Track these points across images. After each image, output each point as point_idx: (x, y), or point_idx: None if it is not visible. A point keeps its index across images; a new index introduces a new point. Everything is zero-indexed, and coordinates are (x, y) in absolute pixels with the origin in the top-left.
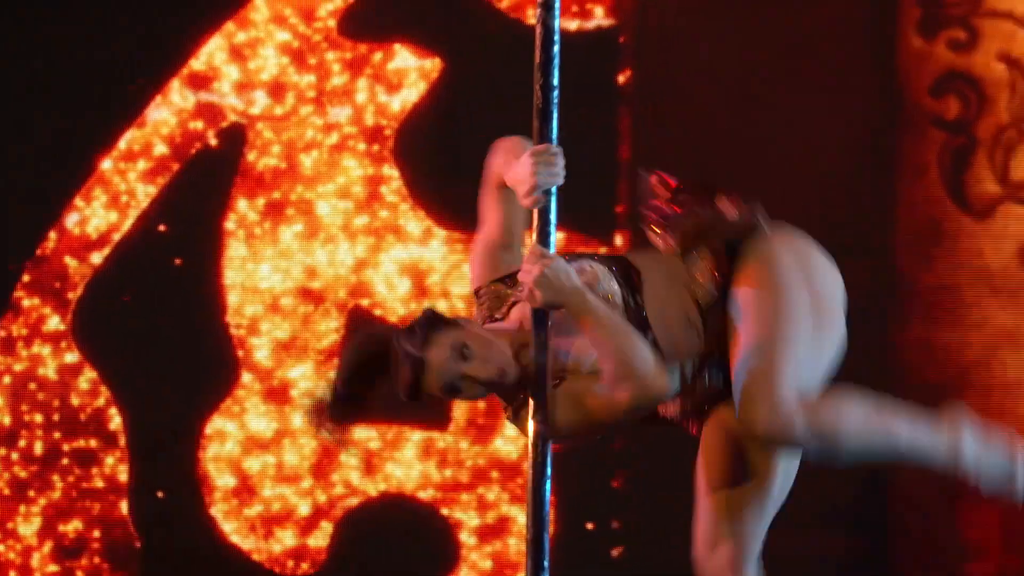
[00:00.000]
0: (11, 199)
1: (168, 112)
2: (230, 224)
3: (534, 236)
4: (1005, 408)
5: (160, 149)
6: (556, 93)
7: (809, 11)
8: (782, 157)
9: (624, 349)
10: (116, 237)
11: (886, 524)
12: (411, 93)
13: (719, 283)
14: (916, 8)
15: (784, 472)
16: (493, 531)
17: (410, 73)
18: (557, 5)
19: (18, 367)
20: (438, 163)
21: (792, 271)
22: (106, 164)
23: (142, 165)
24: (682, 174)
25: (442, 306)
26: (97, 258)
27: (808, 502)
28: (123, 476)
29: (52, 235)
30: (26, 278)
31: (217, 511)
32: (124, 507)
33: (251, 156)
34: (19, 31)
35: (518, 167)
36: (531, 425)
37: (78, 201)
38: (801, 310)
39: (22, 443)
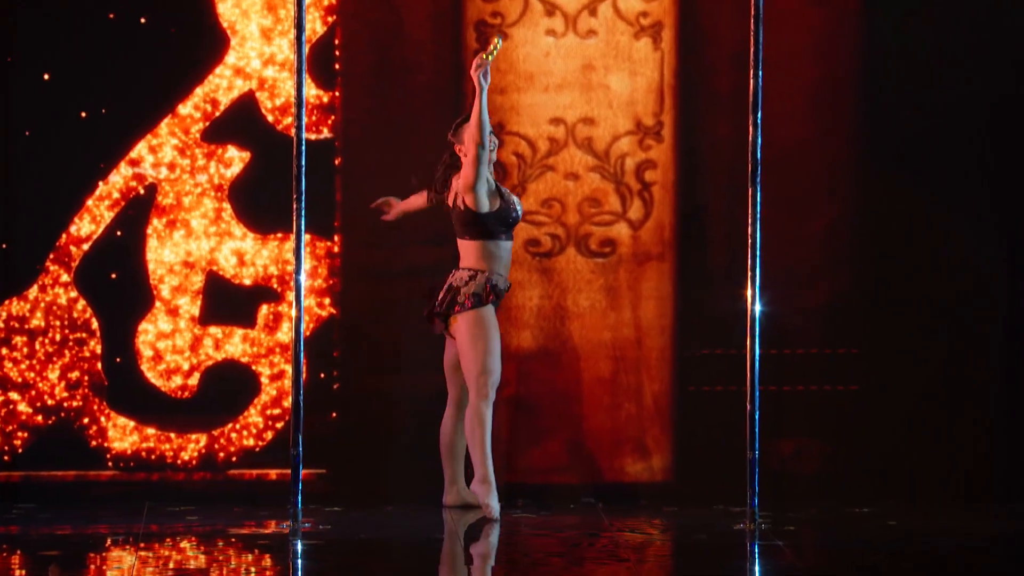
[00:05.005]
0: (43, 219)
1: (119, 177)
2: (149, 230)
3: (294, 235)
4: None
5: (115, 195)
6: (304, 166)
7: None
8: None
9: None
10: (95, 236)
11: None
12: (236, 168)
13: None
14: None
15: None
16: (277, 376)
17: (235, 159)
18: (304, 127)
19: (48, 299)
20: (250, 202)
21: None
22: (89, 202)
23: (107, 203)
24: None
25: (249, 271)
26: (86, 247)
27: None
28: (99, 350)
29: (63, 236)
30: (52, 256)
31: (144, 367)
32: (99, 365)
33: (160, 198)
34: (44, 145)
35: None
36: (294, 313)
37: (76, 219)
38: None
39: (50, 334)
